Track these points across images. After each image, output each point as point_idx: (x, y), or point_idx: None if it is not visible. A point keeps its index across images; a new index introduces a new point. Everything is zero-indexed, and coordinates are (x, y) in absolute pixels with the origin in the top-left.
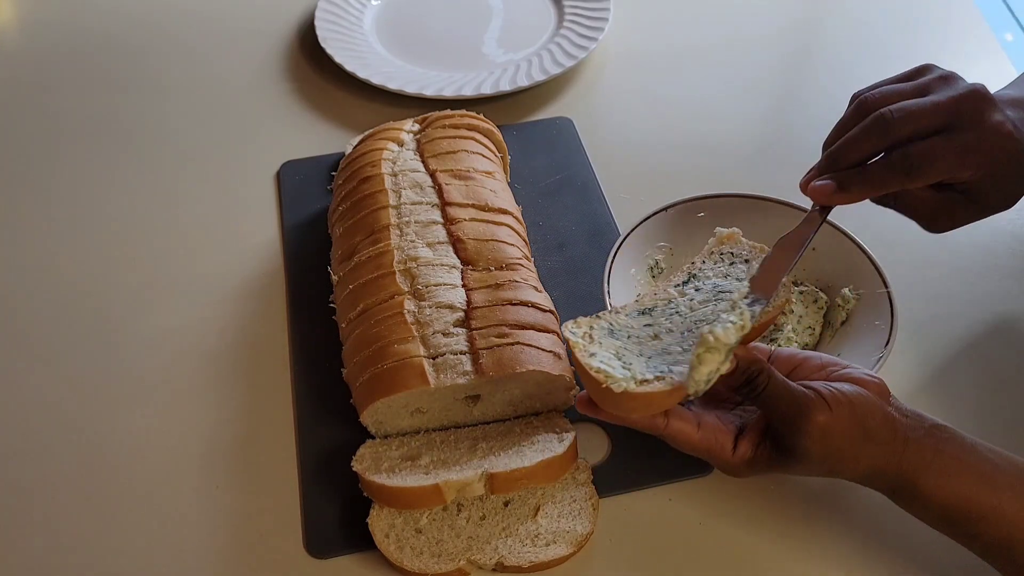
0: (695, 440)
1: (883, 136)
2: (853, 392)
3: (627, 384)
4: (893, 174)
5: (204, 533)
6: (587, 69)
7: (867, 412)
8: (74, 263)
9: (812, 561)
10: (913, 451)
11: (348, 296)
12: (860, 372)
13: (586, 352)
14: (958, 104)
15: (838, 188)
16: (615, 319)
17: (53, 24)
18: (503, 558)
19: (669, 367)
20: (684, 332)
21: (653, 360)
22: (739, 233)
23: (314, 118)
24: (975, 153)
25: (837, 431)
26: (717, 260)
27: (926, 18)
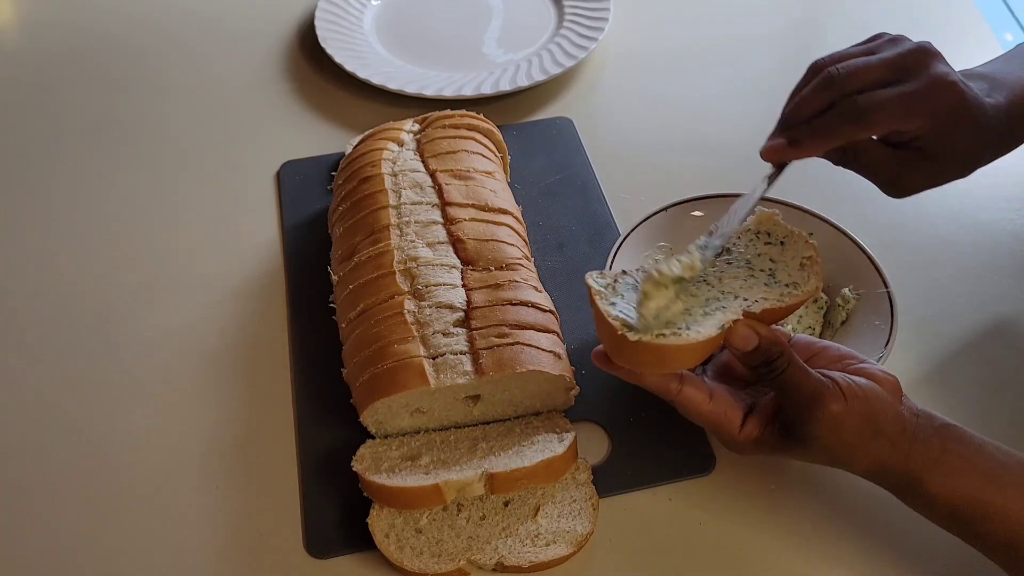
0: (705, 410)
1: (831, 91)
2: (868, 386)
3: (643, 334)
4: (841, 123)
5: (204, 533)
6: (587, 69)
7: (880, 408)
8: (74, 263)
9: (813, 561)
10: (920, 450)
11: (348, 296)
12: (876, 368)
13: (606, 300)
14: (903, 58)
15: (789, 144)
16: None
17: (53, 24)
18: (503, 558)
19: (688, 326)
20: (707, 300)
21: (674, 317)
22: (779, 215)
23: (314, 118)
24: (920, 101)
25: (849, 423)
26: (752, 239)
27: (926, 18)
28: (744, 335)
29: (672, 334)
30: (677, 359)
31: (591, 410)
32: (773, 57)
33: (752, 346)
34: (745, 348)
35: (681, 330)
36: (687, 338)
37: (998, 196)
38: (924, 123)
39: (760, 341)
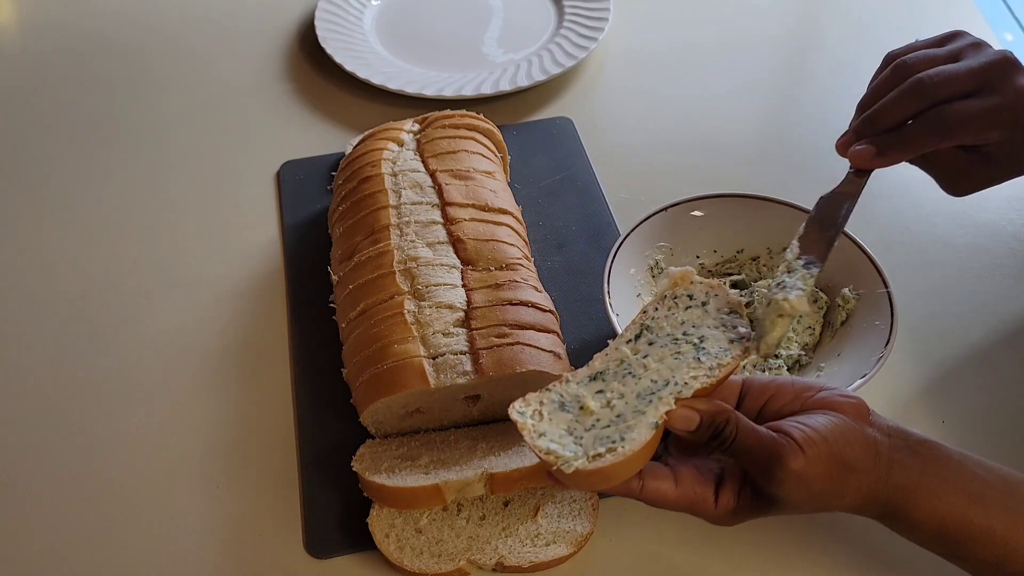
0: (672, 498)
1: (921, 100)
2: (827, 426)
3: (578, 463)
4: (929, 136)
5: (204, 533)
6: (587, 69)
7: (845, 444)
8: (74, 263)
9: (813, 561)
10: (898, 473)
11: (348, 296)
12: (835, 394)
13: (535, 433)
14: (990, 69)
15: (878, 153)
16: (566, 389)
17: (53, 25)
18: (503, 558)
19: (621, 435)
20: (637, 395)
21: (608, 429)
22: (693, 273)
23: (314, 118)
24: (1004, 114)
25: (814, 474)
26: (671, 306)
27: (926, 18)
28: (683, 417)
29: (608, 451)
30: (622, 472)
31: None
32: (773, 57)
33: (694, 426)
34: (688, 429)
35: (616, 443)
36: (623, 452)
37: (998, 196)
38: (1001, 135)
39: (701, 417)
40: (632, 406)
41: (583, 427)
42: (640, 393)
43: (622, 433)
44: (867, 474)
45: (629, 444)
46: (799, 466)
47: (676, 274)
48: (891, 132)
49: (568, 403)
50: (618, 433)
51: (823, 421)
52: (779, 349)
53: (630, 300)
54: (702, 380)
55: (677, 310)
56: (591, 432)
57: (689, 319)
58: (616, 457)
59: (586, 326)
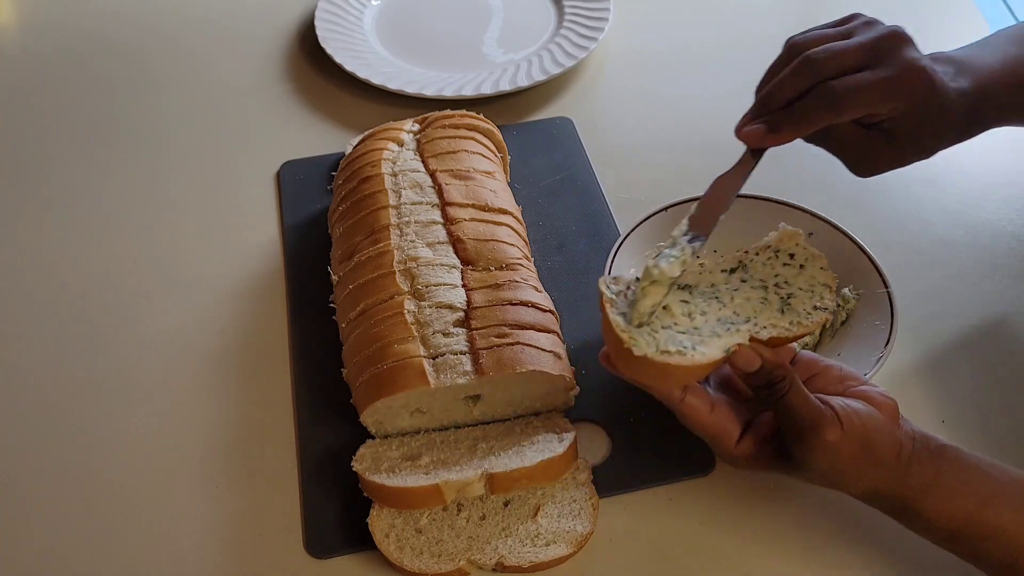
0: (706, 420)
1: (809, 75)
2: (866, 413)
3: (648, 350)
4: (819, 109)
5: (204, 533)
6: (587, 69)
7: (876, 436)
8: (74, 263)
9: (813, 561)
10: (915, 474)
11: (348, 296)
12: (876, 391)
13: (616, 309)
14: (878, 42)
15: (769, 130)
16: None
17: (53, 25)
18: (503, 558)
19: (694, 345)
20: (718, 319)
21: (683, 336)
22: (802, 236)
23: (314, 118)
24: (893, 86)
25: (845, 451)
26: (771, 257)
27: (926, 18)
28: (747, 356)
29: (677, 352)
30: (679, 376)
31: (591, 410)
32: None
33: (755, 367)
34: (748, 369)
35: (687, 349)
36: (691, 359)
37: (998, 196)
38: (896, 107)
39: (763, 363)
40: (711, 327)
41: (661, 323)
42: (721, 319)
43: (695, 344)
44: (887, 470)
45: (699, 356)
46: (834, 438)
47: (786, 231)
48: (783, 110)
49: None
50: (691, 342)
51: (863, 408)
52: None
53: None
54: (779, 331)
55: (776, 262)
56: (667, 331)
57: (784, 274)
58: (683, 360)
59: (586, 326)
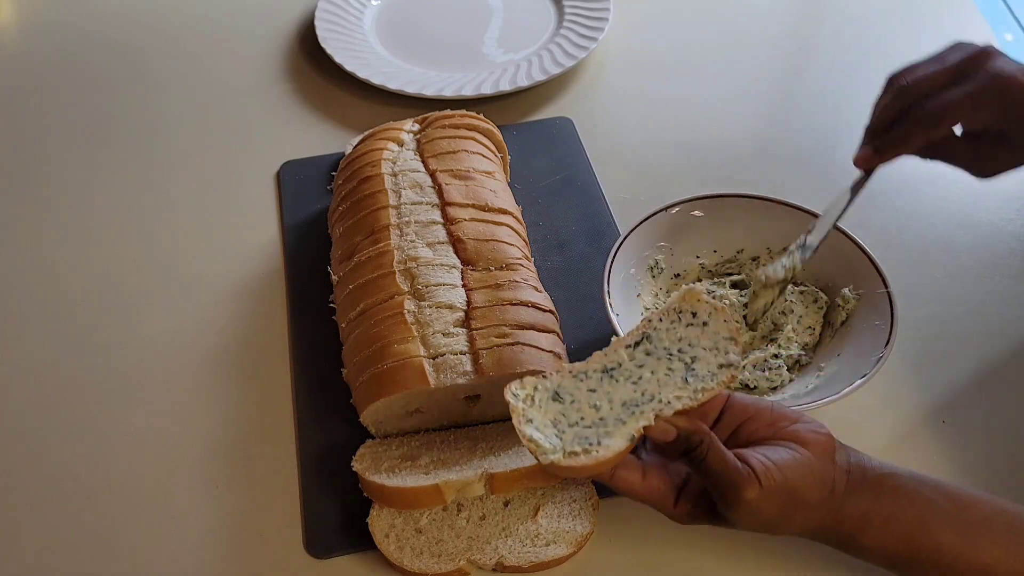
0: (639, 491)
1: (902, 99)
2: (788, 462)
3: (555, 456)
4: (915, 129)
5: (204, 533)
6: (587, 69)
7: (801, 482)
8: (74, 263)
9: (812, 561)
10: (850, 508)
11: (348, 296)
12: (806, 428)
13: (523, 418)
14: (965, 61)
15: (875, 152)
16: (563, 381)
17: (53, 25)
18: (503, 558)
19: (599, 439)
20: (623, 403)
21: (589, 430)
22: (702, 292)
23: (314, 118)
24: (983, 96)
25: (766, 506)
26: (674, 319)
27: (926, 18)
28: (661, 428)
29: (584, 451)
30: (592, 471)
31: None
32: (773, 57)
33: (670, 438)
34: (663, 440)
35: (592, 446)
36: (596, 457)
37: (998, 196)
38: (991, 115)
39: (678, 433)
40: (615, 413)
41: (567, 422)
42: (626, 402)
43: (600, 437)
44: (818, 509)
45: (604, 450)
46: (752, 497)
47: (686, 291)
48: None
49: (562, 394)
50: (597, 437)
51: (786, 457)
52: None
53: (630, 300)
54: (684, 402)
55: (679, 324)
56: (573, 429)
57: (687, 336)
58: (589, 460)
59: (586, 326)
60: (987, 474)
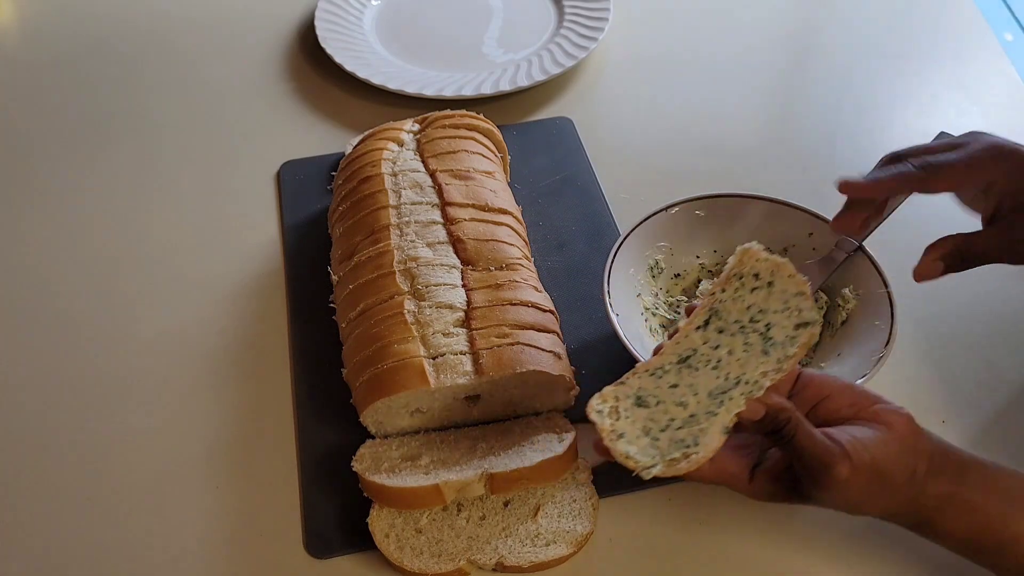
0: (707, 473)
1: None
2: (876, 442)
3: (656, 470)
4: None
5: (204, 533)
6: (587, 69)
7: (887, 463)
8: (74, 263)
9: (813, 561)
10: (931, 492)
11: (348, 296)
12: (889, 409)
13: (614, 434)
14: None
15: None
16: (642, 383)
17: (53, 26)
18: (503, 558)
19: (695, 439)
20: (709, 393)
21: (682, 431)
22: (759, 250)
23: (314, 118)
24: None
25: (856, 484)
26: (738, 287)
27: (926, 18)
28: (750, 408)
29: (683, 456)
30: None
31: None
32: (773, 56)
33: (759, 416)
34: (752, 419)
35: (690, 447)
36: (698, 459)
37: None
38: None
39: (767, 411)
40: (704, 406)
41: (658, 427)
42: (712, 391)
43: (695, 437)
44: (900, 490)
45: (703, 449)
46: (843, 475)
47: (741, 252)
48: None
49: (645, 397)
50: (691, 437)
51: (872, 436)
52: None
53: (630, 300)
54: (771, 377)
55: (744, 291)
56: (666, 433)
57: (756, 302)
58: (690, 464)
59: (586, 326)
60: None
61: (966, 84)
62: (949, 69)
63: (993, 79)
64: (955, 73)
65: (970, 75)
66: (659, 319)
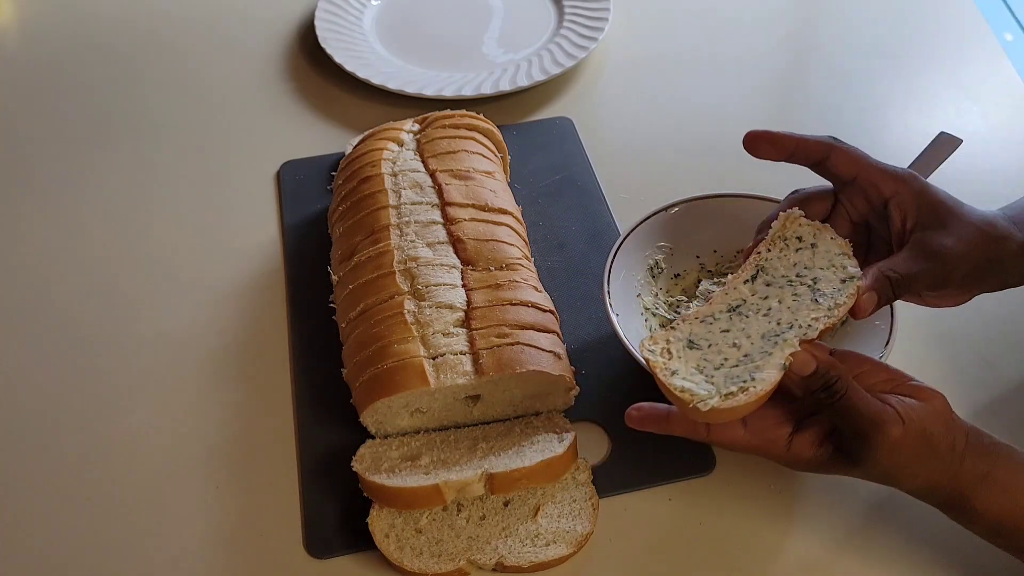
0: (741, 442)
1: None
2: (923, 410)
3: (713, 401)
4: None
5: (204, 533)
6: (587, 69)
7: (934, 430)
8: (74, 263)
9: (813, 561)
10: (968, 468)
11: (348, 296)
12: (925, 385)
13: (667, 371)
14: None
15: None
16: (692, 328)
17: (53, 25)
18: (503, 558)
19: (751, 375)
20: (763, 336)
21: (737, 368)
22: (799, 214)
23: (314, 118)
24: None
25: (907, 447)
26: (782, 247)
27: (926, 18)
28: (802, 360)
29: (740, 390)
30: (748, 410)
31: (591, 410)
32: (772, 57)
33: (810, 371)
34: (803, 373)
35: (747, 383)
36: (755, 392)
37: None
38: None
39: (818, 366)
40: (758, 347)
41: (712, 365)
42: (765, 334)
43: (751, 372)
44: (942, 463)
45: (760, 384)
46: (898, 435)
47: (785, 217)
48: None
49: (697, 341)
50: (747, 372)
51: (917, 405)
52: None
53: (630, 300)
54: (824, 321)
55: (788, 251)
56: (721, 371)
57: (801, 260)
58: (748, 397)
59: (586, 326)
60: None
61: (966, 84)
62: (949, 69)
63: (993, 79)
64: (955, 73)
65: (970, 75)
66: (659, 319)
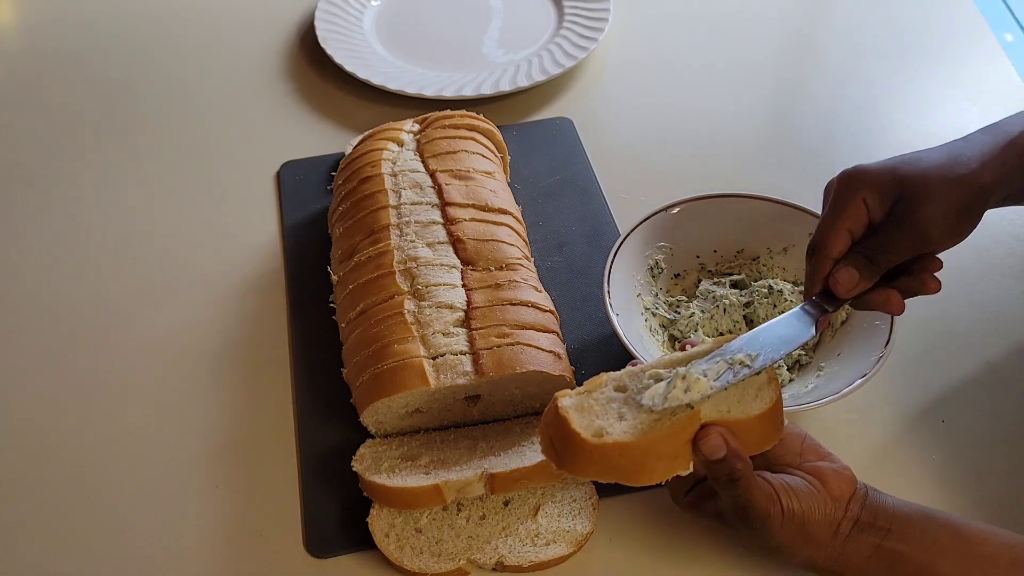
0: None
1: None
2: (807, 495)
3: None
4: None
5: (204, 533)
6: (587, 69)
7: (812, 518)
8: (74, 263)
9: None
10: (852, 552)
11: (348, 296)
12: (832, 468)
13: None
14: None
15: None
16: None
17: (54, 25)
18: (503, 558)
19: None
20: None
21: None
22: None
23: (314, 118)
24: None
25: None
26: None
27: (926, 19)
28: (714, 445)
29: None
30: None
31: None
32: (772, 57)
33: (720, 455)
34: (712, 457)
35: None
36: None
37: None
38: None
39: (728, 453)
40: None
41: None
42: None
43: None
44: (822, 548)
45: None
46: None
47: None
48: None
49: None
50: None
51: (804, 488)
52: None
53: (630, 300)
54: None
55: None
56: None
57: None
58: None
59: (586, 326)
60: (987, 474)
61: (966, 84)
62: (949, 69)
63: (993, 79)
64: (955, 73)
65: (970, 75)
66: (659, 319)
